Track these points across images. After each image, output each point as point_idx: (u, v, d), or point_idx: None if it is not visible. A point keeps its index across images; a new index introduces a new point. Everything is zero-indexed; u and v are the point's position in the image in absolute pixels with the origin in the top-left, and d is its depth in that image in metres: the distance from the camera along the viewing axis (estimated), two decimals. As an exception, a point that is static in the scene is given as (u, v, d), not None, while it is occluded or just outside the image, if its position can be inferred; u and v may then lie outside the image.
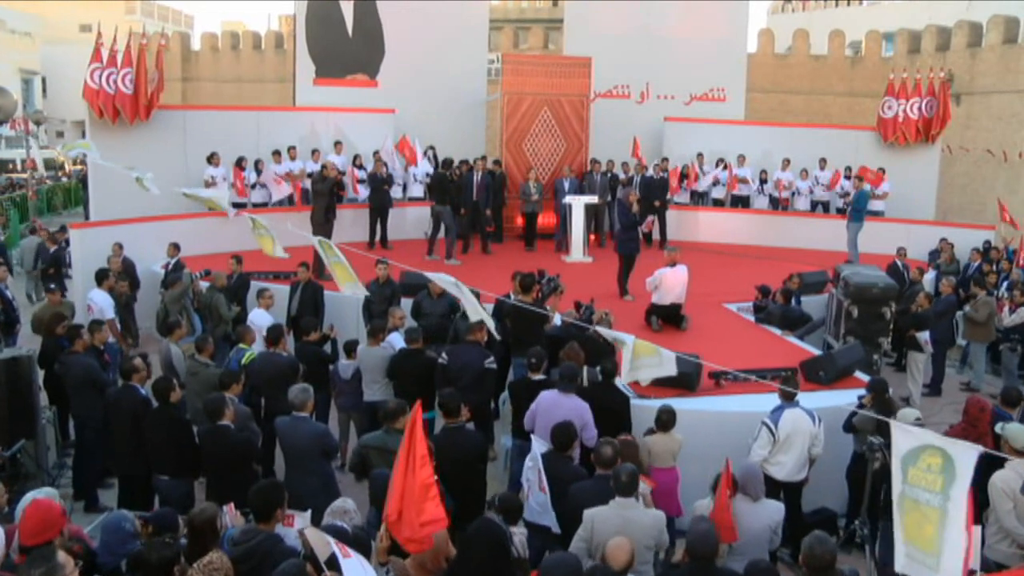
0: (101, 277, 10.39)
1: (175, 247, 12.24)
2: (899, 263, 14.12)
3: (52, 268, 13.77)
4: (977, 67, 23.38)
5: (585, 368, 7.90)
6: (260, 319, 9.32)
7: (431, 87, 18.32)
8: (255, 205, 15.83)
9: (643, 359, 6.44)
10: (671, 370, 6.62)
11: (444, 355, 7.68)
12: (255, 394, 8.08)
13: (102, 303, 9.97)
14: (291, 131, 16.77)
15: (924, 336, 11.08)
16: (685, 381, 8.16)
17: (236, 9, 77.53)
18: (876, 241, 15.77)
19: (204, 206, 9.39)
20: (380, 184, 15.16)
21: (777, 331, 10.65)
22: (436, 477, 5.10)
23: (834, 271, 11.18)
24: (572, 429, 6.11)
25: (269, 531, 4.64)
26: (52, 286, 10.13)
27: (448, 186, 14.35)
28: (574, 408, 6.74)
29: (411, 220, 16.74)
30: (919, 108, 18.29)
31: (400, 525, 4.28)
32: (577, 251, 15.08)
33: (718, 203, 18.76)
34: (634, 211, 12.66)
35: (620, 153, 18.22)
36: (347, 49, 18.23)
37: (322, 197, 12.21)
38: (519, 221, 17.13)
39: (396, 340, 8.51)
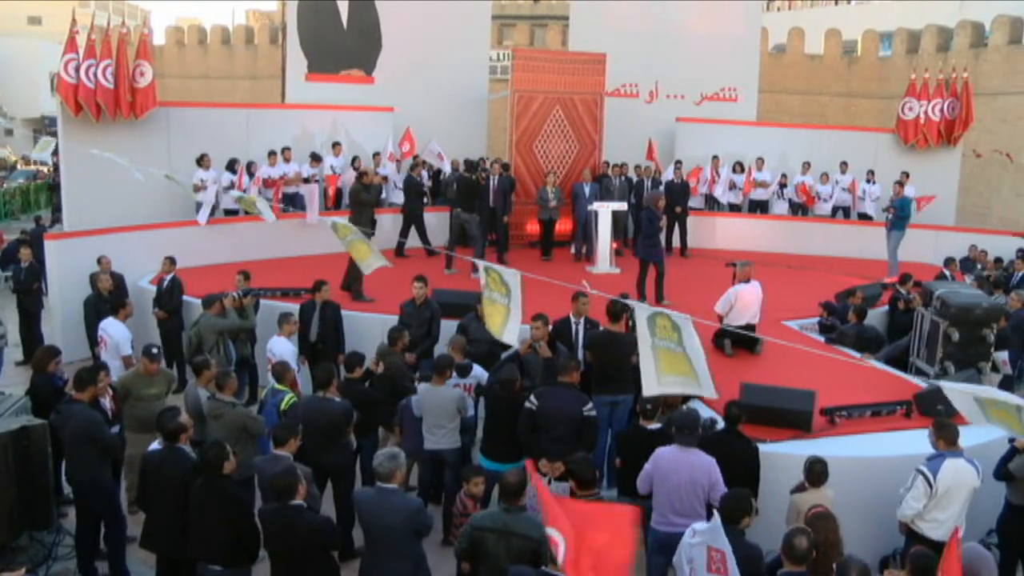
0: (117, 306, 8.88)
1: (171, 261, 10.82)
2: (948, 274, 13.25)
3: (37, 284, 11.96)
4: (981, 68, 22.82)
5: (686, 410, 6.80)
6: (281, 348, 8.00)
7: (430, 84, 17.07)
8: (247, 212, 14.40)
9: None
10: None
11: (533, 399, 6.47)
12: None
13: (118, 336, 8.50)
14: (284, 130, 15.37)
15: (1003, 356, 10.15)
16: (800, 420, 7.10)
17: (191, 7, 74.61)
18: (901, 248, 14.88)
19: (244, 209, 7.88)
20: (419, 189, 13.86)
21: (855, 354, 9.64)
22: None
23: (924, 288, 10.20)
24: (748, 498, 4.99)
25: None
26: (155, 351, 7.36)
27: (477, 191, 13.10)
28: (701, 466, 5.61)
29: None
30: (941, 109, 17.54)
31: None
32: (604, 262, 13.97)
33: (735, 208, 17.81)
34: (660, 215, 11.76)
35: (628, 154, 17.15)
36: (342, 43, 16.89)
37: (366, 207, 10.88)
38: (530, 228, 16.01)
39: (480, 373, 7.32)
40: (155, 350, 7.19)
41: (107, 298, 9.89)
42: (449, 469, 7.06)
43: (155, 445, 5.65)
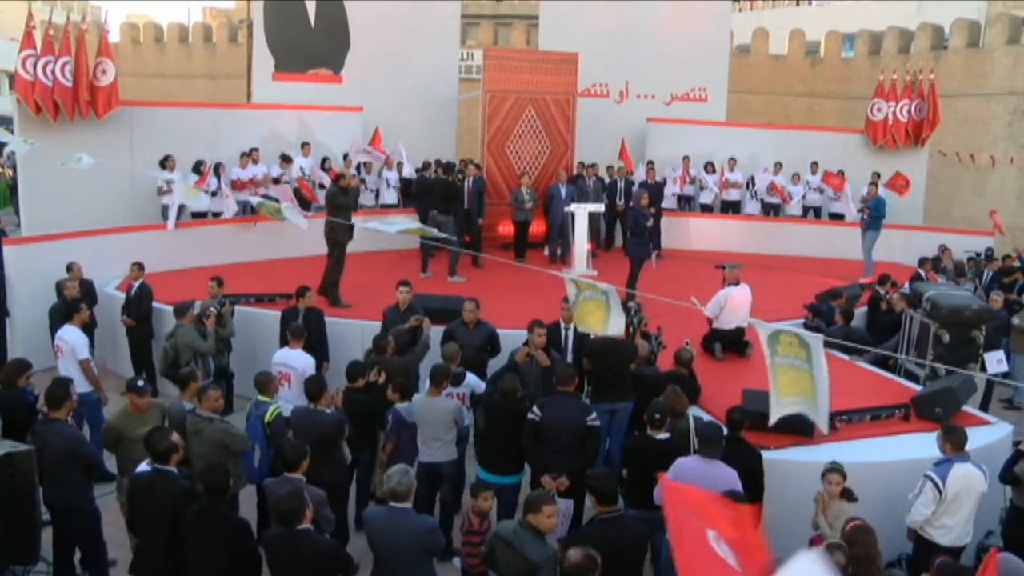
0: (73, 311, 8.44)
1: (139, 267, 10.38)
2: (922, 274, 13.30)
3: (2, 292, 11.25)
4: (941, 70, 23.02)
5: (691, 417, 6.64)
6: (303, 361, 7.68)
7: (399, 84, 16.81)
8: (215, 215, 14.00)
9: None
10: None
11: (536, 409, 6.25)
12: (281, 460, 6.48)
13: (74, 340, 8.05)
14: (251, 131, 14.96)
15: (999, 355, 10.02)
16: (802, 426, 6.97)
17: (142, 5, 72.55)
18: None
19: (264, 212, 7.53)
20: (431, 188, 13.52)
21: (844, 356, 9.59)
22: None
23: (913, 290, 10.20)
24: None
25: None
26: (140, 384, 6.52)
27: (454, 192, 12.82)
28: (724, 479, 5.44)
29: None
30: (908, 111, 17.73)
31: None
32: (581, 264, 13.79)
33: (706, 209, 17.79)
34: (644, 212, 11.80)
35: (599, 155, 17.02)
36: (309, 42, 16.51)
37: (344, 212, 10.54)
38: (502, 229, 15.79)
39: (474, 381, 7.07)
40: (141, 383, 6.53)
41: (69, 304, 9.43)
42: (446, 481, 6.81)
43: (143, 467, 5.31)
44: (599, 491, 4.80)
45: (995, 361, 9.68)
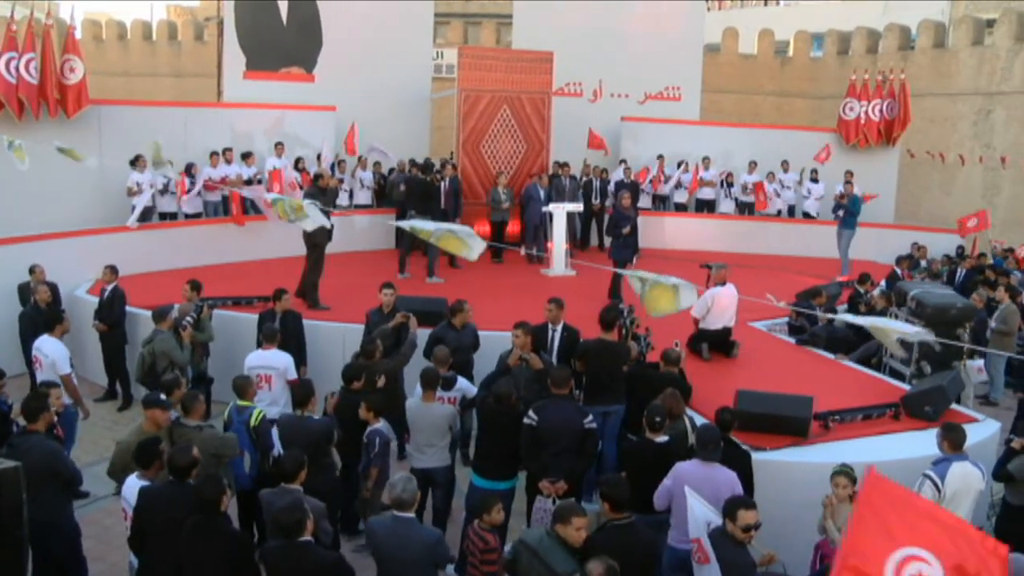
0: (53, 321, 8.06)
1: (112, 270, 10.06)
2: (898, 272, 13.40)
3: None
4: (909, 70, 23.35)
5: (687, 420, 6.57)
6: (277, 360, 7.50)
7: (372, 83, 16.61)
8: (187, 216, 13.71)
9: None
10: None
11: (532, 414, 6.12)
12: (269, 462, 6.30)
13: (55, 353, 7.69)
14: (223, 130, 14.67)
15: (978, 363, 9.99)
16: (797, 426, 6.94)
17: (103, 4, 71.13)
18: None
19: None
20: (426, 188, 13.28)
21: (828, 355, 9.61)
22: None
23: (894, 288, 10.23)
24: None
25: None
26: (163, 397, 6.21)
27: (432, 192, 12.67)
28: (725, 482, 5.37)
29: (358, 229, 15.04)
30: (880, 110, 17.90)
31: None
32: (559, 265, 13.69)
33: (681, 207, 17.80)
34: (628, 214, 11.70)
35: (572, 154, 16.93)
36: (281, 39, 16.25)
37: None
38: (477, 230, 15.55)
39: (465, 385, 6.93)
40: (164, 395, 6.14)
41: (44, 311, 9.11)
42: (439, 488, 6.66)
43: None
44: (612, 497, 4.69)
45: (975, 370, 9.72)
